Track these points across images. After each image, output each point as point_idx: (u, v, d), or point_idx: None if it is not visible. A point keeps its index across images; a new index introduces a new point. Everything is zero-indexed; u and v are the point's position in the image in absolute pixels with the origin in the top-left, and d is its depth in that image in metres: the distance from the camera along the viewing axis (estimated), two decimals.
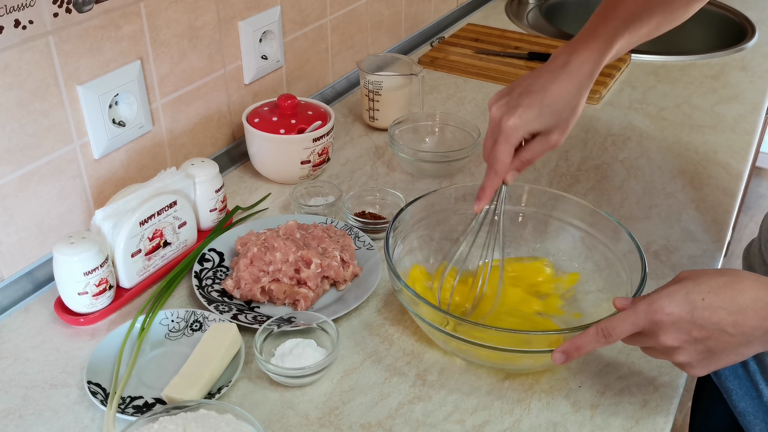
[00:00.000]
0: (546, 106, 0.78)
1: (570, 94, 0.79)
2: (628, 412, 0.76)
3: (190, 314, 0.85)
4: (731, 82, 1.48)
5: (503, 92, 0.81)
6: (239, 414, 0.67)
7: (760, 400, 0.86)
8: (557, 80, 0.78)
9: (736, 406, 0.88)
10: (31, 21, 0.81)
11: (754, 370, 0.86)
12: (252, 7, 1.13)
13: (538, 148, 0.80)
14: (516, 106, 0.78)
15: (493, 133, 0.80)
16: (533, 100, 0.78)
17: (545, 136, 0.80)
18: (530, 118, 0.78)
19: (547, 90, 0.78)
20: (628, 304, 0.70)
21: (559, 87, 0.78)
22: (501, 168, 0.80)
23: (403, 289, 0.76)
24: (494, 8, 1.86)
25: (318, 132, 1.07)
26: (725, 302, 0.64)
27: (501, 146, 0.79)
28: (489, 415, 0.76)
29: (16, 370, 0.80)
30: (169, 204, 0.90)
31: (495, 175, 0.81)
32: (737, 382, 0.88)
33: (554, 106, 0.78)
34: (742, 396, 0.87)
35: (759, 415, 0.86)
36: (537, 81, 0.79)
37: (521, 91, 0.79)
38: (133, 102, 0.97)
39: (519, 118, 0.77)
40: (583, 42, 0.81)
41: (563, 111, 0.79)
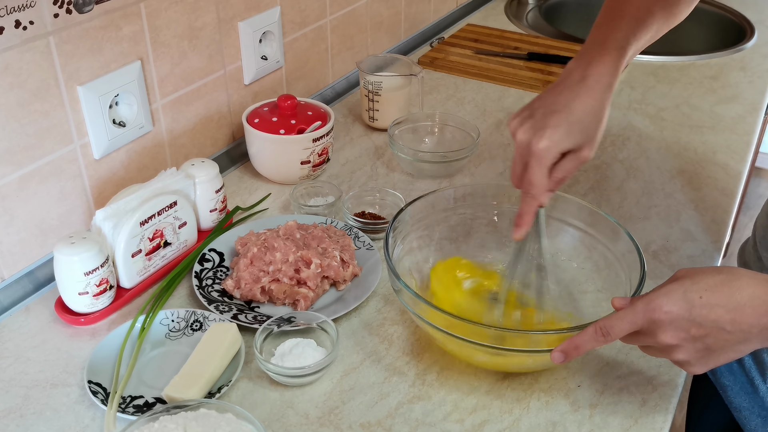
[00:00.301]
0: (573, 123, 0.76)
1: (594, 108, 0.77)
2: (627, 411, 0.76)
3: (191, 314, 0.85)
4: (730, 82, 1.49)
5: (524, 115, 0.78)
6: (239, 413, 0.67)
7: (755, 396, 0.86)
8: (579, 96, 0.77)
9: (732, 402, 0.88)
10: (32, 22, 0.82)
11: (750, 366, 0.86)
12: (252, 7, 1.13)
13: (569, 165, 0.78)
14: (543, 127, 0.76)
15: (522, 157, 0.78)
16: (560, 120, 0.76)
17: (576, 153, 0.78)
18: (560, 138, 0.76)
19: (571, 107, 0.76)
20: (626, 303, 0.70)
21: (582, 102, 0.77)
22: (538, 192, 0.78)
23: (403, 289, 0.77)
24: (494, 9, 1.86)
25: (318, 132, 1.07)
26: (723, 300, 0.64)
27: (535, 170, 0.76)
28: (488, 415, 0.76)
29: (17, 370, 0.80)
30: (169, 204, 0.90)
31: (533, 199, 0.78)
32: (732, 378, 0.88)
33: (581, 123, 0.76)
34: (737, 392, 0.88)
35: (755, 410, 0.86)
36: (558, 99, 0.77)
37: (544, 111, 0.77)
38: (134, 102, 0.97)
39: (549, 139, 0.75)
40: (597, 54, 0.79)
41: (590, 125, 0.77)
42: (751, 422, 0.87)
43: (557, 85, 0.79)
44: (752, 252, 0.92)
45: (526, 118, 0.78)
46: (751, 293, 0.64)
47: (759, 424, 0.87)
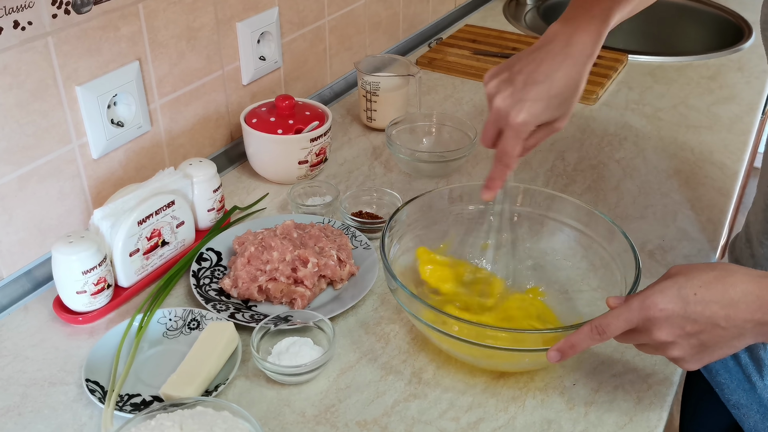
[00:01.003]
0: (553, 97, 0.76)
1: (574, 80, 0.76)
2: (622, 409, 0.77)
3: (188, 313, 0.85)
4: (728, 82, 1.49)
5: (503, 77, 0.77)
6: (236, 411, 0.67)
7: (753, 392, 0.86)
8: (562, 67, 0.76)
9: (729, 400, 0.89)
10: (30, 22, 0.82)
11: (747, 363, 0.86)
12: (250, 8, 1.13)
13: (542, 134, 0.79)
14: (522, 99, 0.75)
15: (496, 122, 0.78)
16: (540, 93, 0.75)
17: (550, 125, 0.79)
18: (538, 112, 0.75)
19: (552, 79, 0.75)
20: (621, 302, 0.70)
21: (564, 74, 0.76)
22: (511, 161, 0.78)
23: (399, 289, 0.77)
24: (492, 9, 1.87)
25: (315, 132, 1.07)
26: (717, 296, 0.65)
27: (511, 141, 0.77)
28: (484, 413, 0.76)
29: (15, 368, 0.81)
30: (167, 204, 0.91)
31: (505, 167, 0.79)
32: (728, 376, 0.88)
33: (561, 97, 0.76)
34: (734, 389, 0.88)
35: (753, 406, 0.87)
36: (540, 68, 0.76)
37: (525, 80, 0.76)
38: (132, 102, 0.97)
39: (528, 113, 0.75)
40: (582, 21, 0.78)
41: (568, 99, 0.77)
42: (750, 418, 0.88)
43: (538, 48, 0.78)
44: (744, 248, 0.92)
45: (505, 83, 0.77)
46: (744, 289, 0.64)
47: (757, 420, 0.87)
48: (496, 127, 0.78)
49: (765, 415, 0.86)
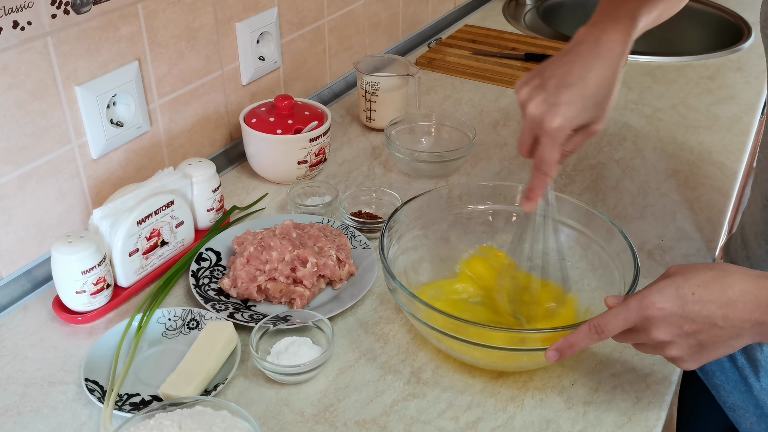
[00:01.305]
0: (587, 98, 0.74)
1: (607, 80, 0.75)
2: (620, 409, 0.77)
3: (187, 313, 0.85)
4: (727, 82, 1.49)
5: (534, 83, 0.75)
6: (235, 410, 0.67)
7: (750, 394, 0.86)
8: (593, 67, 0.74)
9: (725, 402, 0.89)
10: (30, 22, 0.82)
11: (743, 365, 0.86)
12: (249, 8, 1.14)
13: (579, 139, 0.78)
14: (556, 104, 0.73)
15: (532, 130, 0.76)
16: (573, 96, 0.73)
17: (586, 128, 0.76)
18: (573, 116, 0.74)
19: (585, 81, 0.74)
20: (619, 302, 0.70)
21: (596, 75, 0.74)
22: (550, 168, 0.76)
23: (398, 288, 0.77)
24: (492, 9, 1.87)
25: (315, 132, 1.08)
26: (715, 296, 0.65)
27: (548, 148, 0.75)
28: (482, 412, 0.76)
29: (15, 368, 0.81)
30: (166, 203, 0.91)
31: (544, 175, 0.77)
32: (724, 377, 0.88)
33: (595, 98, 0.74)
34: (730, 391, 0.88)
35: (749, 408, 0.87)
36: (572, 71, 0.74)
37: (557, 83, 0.74)
38: (131, 102, 0.97)
39: (563, 117, 0.73)
40: (610, 21, 0.77)
41: (603, 100, 0.75)
42: (747, 421, 0.88)
43: (568, 52, 0.77)
44: (740, 250, 0.92)
45: (537, 89, 0.75)
46: (742, 289, 0.64)
47: (754, 422, 0.87)
48: (532, 134, 0.76)
49: (761, 416, 0.86)
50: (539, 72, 0.76)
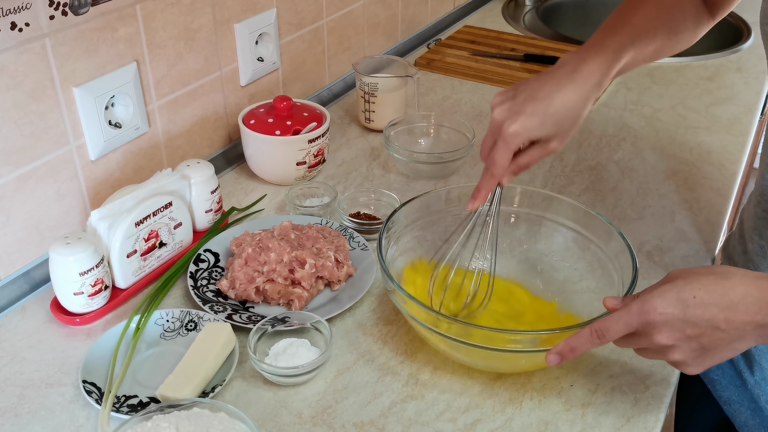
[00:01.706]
0: (549, 115, 0.77)
1: (575, 104, 0.78)
2: (619, 411, 0.77)
3: (185, 314, 0.85)
4: (726, 83, 1.49)
5: (507, 94, 0.80)
6: (232, 412, 0.67)
7: (744, 388, 0.87)
8: (563, 89, 0.78)
9: (721, 396, 0.89)
10: (28, 23, 0.82)
11: (738, 360, 0.87)
12: (248, 9, 1.13)
13: (536, 154, 0.81)
14: (519, 112, 0.77)
15: (493, 134, 0.80)
16: (537, 108, 0.77)
17: (544, 144, 0.80)
18: (532, 127, 0.77)
19: (552, 98, 0.77)
20: (618, 304, 0.70)
21: (564, 96, 0.78)
22: (498, 171, 0.80)
23: (396, 290, 0.77)
24: (491, 10, 1.87)
25: (313, 133, 1.08)
26: (716, 299, 0.65)
27: (500, 151, 0.79)
28: (481, 414, 0.76)
29: (13, 370, 0.81)
30: (164, 205, 0.91)
31: (491, 177, 0.81)
32: (720, 372, 0.89)
33: (557, 116, 0.78)
34: (726, 385, 0.88)
35: (744, 402, 0.87)
36: (543, 88, 0.78)
37: (526, 96, 0.78)
38: (130, 104, 0.97)
39: (521, 125, 0.77)
40: (593, 51, 0.80)
41: (565, 120, 0.79)
42: (741, 415, 0.88)
43: (547, 73, 0.81)
44: (737, 245, 0.92)
45: (508, 99, 0.79)
46: (743, 291, 0.64)
47: (748, 416, 0.87)
48: (493, 138, 0.80)
49: (755, 410, 0.86)
50: (515, 86, 0.81)
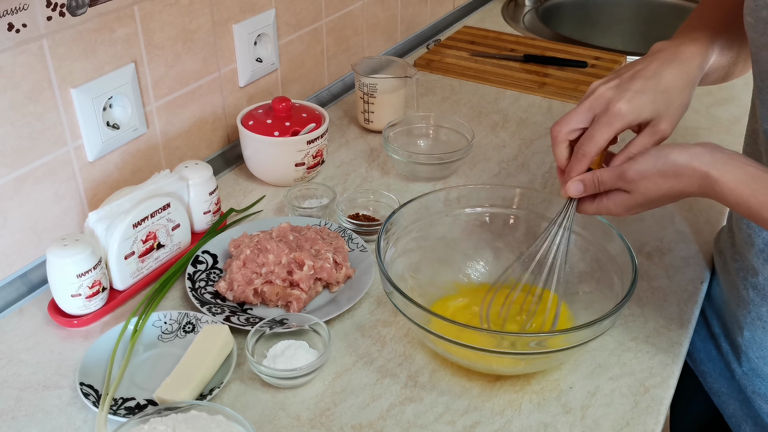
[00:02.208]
0: (660, 92, 0.72)
1: (684, 81, 0.74)
2: (618, 413, 0.76)
3: (183, 316, 0.85)
4: (726, 84, 1.48)
5: (610, 77, 0.75)
6: (230, 415, 0.67)
7: (733, 380, 0.87)
8: (671, 67, 0.74)
9: (711, 388, 0.90)
10: (25, 24, 0.82)
11: (726, 351, 0.88)
12: (246, 10, 1.13)
13: (646, 141, 0.74)
14: (627, 89, 0.72)
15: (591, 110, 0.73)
16: (647, 86, 0.72)
17: (654, 127, 0.73)
18: (642, 104, 0.72)
19: (661, 75, 0.73)
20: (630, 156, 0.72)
21: (673, 74, 0.74)
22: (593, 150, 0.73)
23: (395, 292, 0.77)
24: (490, 11, 1.86)
25: (312, 134, 1.07)
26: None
27: (602, 129, 0.72)
28: (480, 416, 0.76)
29: (10, 372, 0.80)
30: (162, 206, 0.90)
31: (583, 158, 0.74)
32: (711, 365, 0.90)
33: (668, 93, 0.73)
34: (716, 377, 0.89)
35: (733, 394, 0.88)
36: (649, 66, 0.74)
37: (631, 75, 0.74)
38: (128, 105, 0.97)
39: (630, 103, 0.71)
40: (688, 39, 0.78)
41: (676, 99, 0.73)
42: (729, 406, 0.89)
43: (646, 58, 0.76)
44: (726, 239, 0.93)
45: (611, 79, 0.75)
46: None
47: (737, 408, 0.88)
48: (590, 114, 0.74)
49: (743, 401, 0.87)
50: (617, 70, 0.77)
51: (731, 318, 0.88)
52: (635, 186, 0.71)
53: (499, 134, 1.28)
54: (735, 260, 0.87)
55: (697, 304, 0.91)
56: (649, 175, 0.70)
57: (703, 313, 0.95)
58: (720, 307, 0.92)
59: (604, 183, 0.73)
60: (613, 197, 0.73)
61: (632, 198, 0.72)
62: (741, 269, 0.86)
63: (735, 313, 0.87)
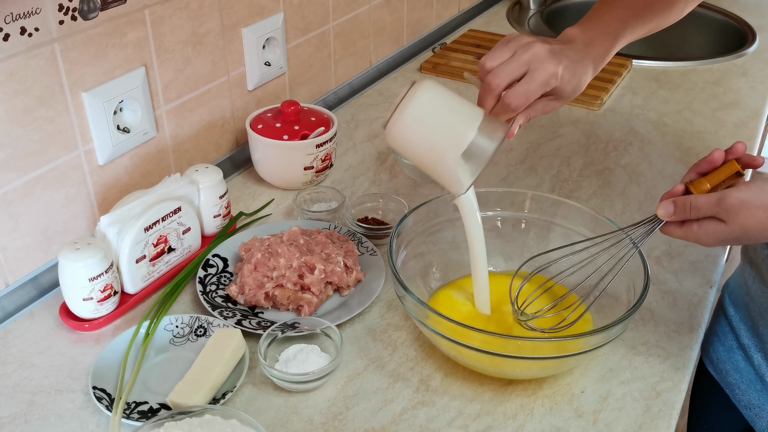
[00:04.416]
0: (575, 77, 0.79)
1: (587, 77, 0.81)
2: (630, 417, 0.77)
3: (195, 320, 0.85)
4: (732, 87, 1.49)
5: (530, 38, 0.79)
6: (244, 419, 0.67)
7: (765, 392, 0.86)
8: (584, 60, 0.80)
9: (740, 400, 0.89)
10: (37, 28, 0.82)
11: (760, 364, 0.87)
12: (255, 14, 1.13)
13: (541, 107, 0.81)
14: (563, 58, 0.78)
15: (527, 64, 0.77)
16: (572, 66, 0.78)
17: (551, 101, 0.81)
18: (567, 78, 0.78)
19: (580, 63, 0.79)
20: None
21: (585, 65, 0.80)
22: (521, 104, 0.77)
23: (407, 295, 0.77)
24: (496, 14, 1.87)
25: (321, 138, 1.07)
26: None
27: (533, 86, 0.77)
28: (492, 421, 0.76)
29: (22, 376, 0.80)
30: (173, 210, 0.91)
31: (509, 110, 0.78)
32: (738, 376, 0.89)
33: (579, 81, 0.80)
34: (745, 389, 0.88)
35: (765, 407, 0.87)
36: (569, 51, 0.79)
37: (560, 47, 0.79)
38: (138, 108, 0.97)
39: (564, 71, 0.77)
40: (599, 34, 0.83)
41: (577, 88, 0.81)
42: (763, 420, 0.87)
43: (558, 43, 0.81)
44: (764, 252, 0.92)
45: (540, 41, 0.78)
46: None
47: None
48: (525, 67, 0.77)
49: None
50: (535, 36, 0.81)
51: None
52: (734, 216, 0.68)
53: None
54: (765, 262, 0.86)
55: (707, 308, 0.91)
56: (752, 206, 0.67)
57: (728, 323, 0.94)
58: (753, 318, 0.90)
59: (699, 209, 0.71)
60: (705, 225, 0.71)
61: (727, 229, 0.69)
62: None
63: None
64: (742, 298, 0.92)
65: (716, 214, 0.69)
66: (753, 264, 0.92)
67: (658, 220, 0.75)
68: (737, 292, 0.94)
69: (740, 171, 0.73)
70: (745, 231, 0.68)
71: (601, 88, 1.43)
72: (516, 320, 0.83)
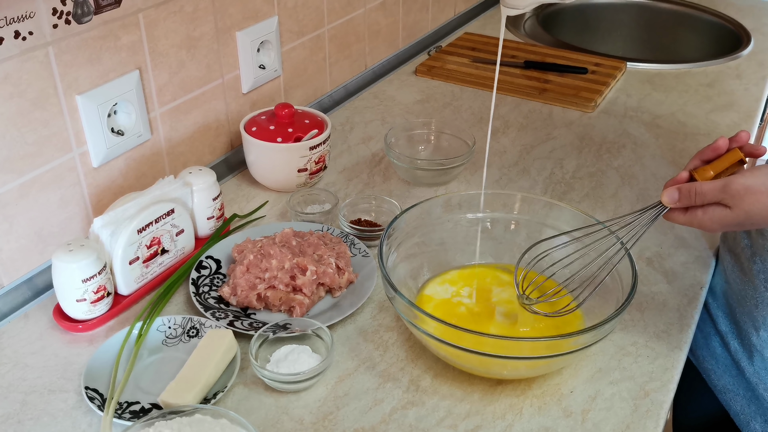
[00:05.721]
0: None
1: None
2: (618, 417, 0.77)
3: (187, 321, 0.86)
4: (726, 89, 1.50)
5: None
6: (234, 419, 0.68)
7: (740, 377, 0.88)
8: None
9: (716, 385, 0.91)
10: (31, 32, 0.83)
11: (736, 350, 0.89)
12: (249, 17, 1.14)
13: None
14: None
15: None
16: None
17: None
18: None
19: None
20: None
21: None
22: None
23: (397, 297, 0.77)
24: (491, 17, 1.87)
25: (314, 140, 1.08)
26: None
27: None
28: (481, 420, 0.77)
29: (15, 376, 0.81)
30: (166, 212, 0.91)
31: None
32: (714, 362, 0.91)
33: None
34: (721, 375, 0.90)
35: (739, 391, 0.89)
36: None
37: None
38: (132, 111, 0.98)
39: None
40: None
41: None
42: (736, 404, 0.90)
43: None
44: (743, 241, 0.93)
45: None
46: None
47: (744, 405, 0.89)
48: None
49: (751, 399, 0.88)
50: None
51: (746, 318, 0.89)
52: (738, 201, 0.69)
53: (499, 140, 1.29)
54: (754, 262, 0.88)
55: (696, 308, 0.92)
56: (756, 192, 0.69)
57: (706, 309, 0.96)
58: (731, 306, 0.92)
59: (704, 195, 0.72)
60: (710, 211, 0.72)
61: (732, 214, 0.70)
62: (762, 271, 0.86)
63: (752, 312, 0.88)
64: (720, 285, 0.94)
65: (721, 200, 0.70)
66: (732, 253, 0.93)
67: (662, 207, 0.76)
68: (715, 280, 0.96)
69: (743, 159, 0.74)
70: (749, 216, 0.69)
71: (594, 91, 1.43)
72: (521, 304, 0.84)
